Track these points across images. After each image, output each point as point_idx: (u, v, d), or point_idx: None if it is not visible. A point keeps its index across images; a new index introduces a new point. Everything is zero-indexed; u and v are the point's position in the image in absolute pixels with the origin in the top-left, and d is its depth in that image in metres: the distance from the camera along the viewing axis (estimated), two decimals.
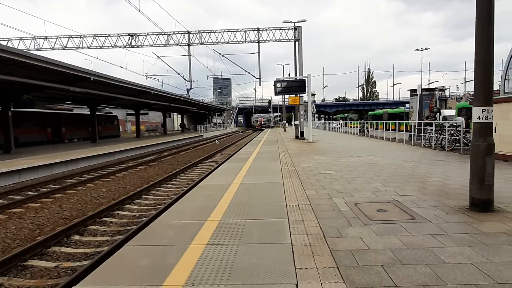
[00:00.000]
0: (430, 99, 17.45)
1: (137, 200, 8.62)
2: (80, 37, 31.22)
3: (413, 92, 18.12)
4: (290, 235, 3.65)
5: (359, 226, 3.90)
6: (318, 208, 4.73)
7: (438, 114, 19.28)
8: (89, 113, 27.41)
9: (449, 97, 63.24)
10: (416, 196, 5.24)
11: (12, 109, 18.24)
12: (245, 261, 3.00)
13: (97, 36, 31.26)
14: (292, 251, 3.20)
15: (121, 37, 31.47)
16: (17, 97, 19.13)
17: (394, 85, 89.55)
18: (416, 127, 15.33)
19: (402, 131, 17.86)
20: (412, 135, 15.71)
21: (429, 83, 66.11)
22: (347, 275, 2.72)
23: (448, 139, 12.08)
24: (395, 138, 17.45)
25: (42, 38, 30.94)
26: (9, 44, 29.66)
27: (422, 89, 17.97)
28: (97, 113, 27.76)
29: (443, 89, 64.49)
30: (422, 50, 67.56)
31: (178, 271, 2.85)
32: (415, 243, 3.34)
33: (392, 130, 19.65)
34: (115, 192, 9.65)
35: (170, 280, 2.71)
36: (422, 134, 14.11)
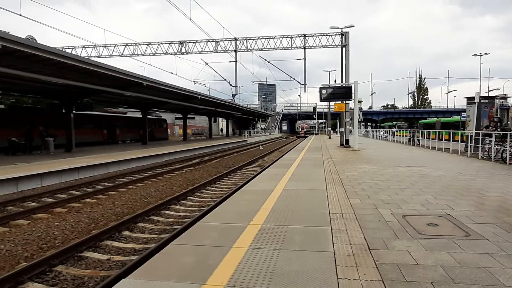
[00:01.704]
0: (490, 107, 16.18)
1: (183, 201, 8.93)
2: (135, 45, 33.21)
3: (470, 100, 16.92)
4: (333, 244, 3.57)
5: (407, 239, 3.72)
6: (363, 218, 4.58)
7: (498, 124, 17.82)
8: (140, 116, 29.01)
9: None
10: (471, 211, 4.88)
11: (73, 111, 19.84)
12: (286, 267, 2.99)
13: (150, 44, 33.05)
14: (335, 260, 3.13)
15: (172, 44, 32.97)
16: (78, 100, 20.79)
17: (448, 92, 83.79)
18: (473, 137, 14.29)
19: (457, 141, 16.73)
20: (469, 146, 14.67)
21: (489, 91, 61.32)
22: None
23: (510, 151, 11.11)
24: (449, 148, 16.39)
25: (102, 46, 33.35)
26: (73, 52, 32.35)
27: (480, 96, 16.72)
28: (148, 116, 29.28)
29: (505, 97, 59.57)
30: (481, 56, 62.89)
31: (220, 272, 2.91)
32: (470, 261, 3.11)
33: (445, 140, 18.48)
34: (163, 192, 10.07)
35: (212, 280, 2.78)
36: (480, 145, 13.12)
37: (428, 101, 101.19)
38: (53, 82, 14.81)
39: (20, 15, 16.27)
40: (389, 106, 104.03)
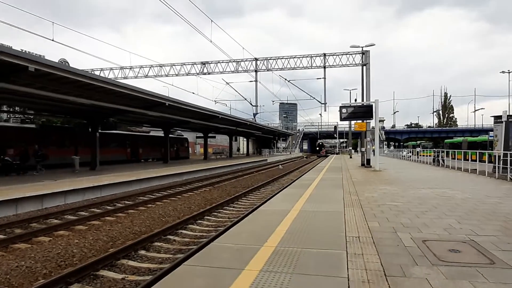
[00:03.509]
0: None
1: (200, 221, 8.95)
2: (160, 66, 34.34)
3: (497, 118, 16.33)
4: (348, 269, 3.46)
5: (426, 266, 3.55)
6: (380, 242, 4.42)
7: None
8: (162, 135, 29.67)
9: None
10: (497, 238, 4.62)
11: (99, 130, 20.57)
12: None
13: (174, 65, 34.09)
14: (348, 286, 3.03)
15: (194, 65, 33.87)
16: (104, 120, 21.57)
17: (475, 111, 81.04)
18: (502, 158, 13.70)
19: (484, 162, 16.07)
20: (497, 167, 14.05)
21: None
22: None
23: None
24: (476, 169, 15.76)
25: (128, 68, 34.68)
26: (101, 74, 33.80)
27: (508, 115, 16.12)
28: (169, 135, 29.90)
29: None
30: (509, 72, 60.93)
31: None
32: None
33: (472, 160, 17.79)
34: (180, 212, 10.14)
35: None
36: (509, 166, 12.54)
37: (454, 119, 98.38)
38: (81, 103, 15.47)
39: (52, 40, 17.21)
40: (413, 125, 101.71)
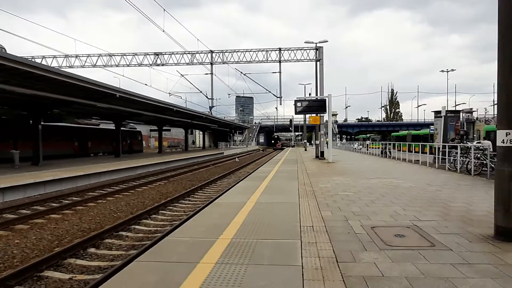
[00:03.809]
0: (456, 121, 16.94)
1: (154, 215, 8.69)
2: (109, 55, 32.62)
3: (437, 113, 17.66)
4: (302, 257, 3.55)
5: (374, 251, 3.75)
6: (333, 231, 4.59)
7: (464, 136, 18.63)
8: (114, 128, 28.30)
9: (477, 119, 61.29)
10: (437, 222, 5.01)
11: (42, 123, 19.08)
12: (253, 283, 2.93)
13: (124, 55, 32.56)
14: (302, 274, 3.11)
15: (147, 55, 32.64)
16: (47, 111, 20.03)
17: (418, 106, 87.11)
18: (441, 149, 14.87)
19: (426, 153, 17.33)
20: (437, 158, 15.22)
21: (456, 105, 64.35)
22: None
23: (474, 162, 11.61)
24: (419, 160, 16.95)
25: (73, 56, 32.54)
26: (43, 62, 31.36)
27: (447, 110, 17.48)
28: (121, 128, 28.60)
29: (470, 111, 62.73)
30: (447, 72, 66.08)
31: None
32: (434, 272, 3.16)
33: (415, 152, 19.10)
34: (134, 207, 9.77)
35: None
36: (447, 157, 13.64)
37: (399, 114, 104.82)
38: (20, 93, 14.24)
39: None
40: (363, 119, 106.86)
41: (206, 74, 35.69)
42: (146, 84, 36.27)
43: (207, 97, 40.57)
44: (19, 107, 19.93)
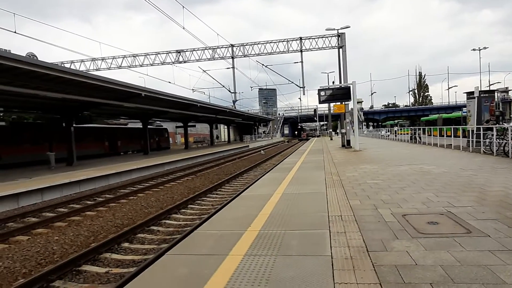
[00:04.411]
0: (490, 101, 16.07)
1: (183, 210, 8.88)
2: (133, 56, 33.40)
3: (470, 94, 16.82)
4: (331, 247, 3.50)
5: (406, 240, 3.64)
6: (362, 220, 4.50)
7: (500, 117, 17.68)
8: (141, 126, 29.07)
9: None
10: (473, 208, 4.79)
11: (74, 125, 19.89)
12: (283, 273, 2.92)
13: (148, 55, 33.22)
14: (332, 265, 3.06)
15: (169, 54, 33.14)
16: (78, 114, 20.85)
17: (449, 88, 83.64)
18: (475, 132, 14.19)
19: (459, 137, 16.61)
20: (470, 141, 14.55)
21: (490, 85, 61.10)
22: None
23: None
24: (451, 144, 16.28)
25: (100, 59, 33.56)
26: (72, 66, 32.58)
27: (480, 91, 16.61)
28: (148, 126, 29.32)
29: (506, 91, 59.38)
30: (480, 50, 62.73)
31: (214, 282, 2.85)
32: (471, 259, 3.03)
33: (447, 136, 18.36)
34: (163, 202, 10.03)
35: None
36: (482, 139, 13.01)
37: (429, 98, 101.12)
38: (52, 97, 14.87)
39: (15, 32, 16.35)
40: (390, 104, 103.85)
41: (228, 68, 35.83)
42: (169, 82, 36.97)
43: (229, 91, 40.83)
44: (52, 111, 20.88)
